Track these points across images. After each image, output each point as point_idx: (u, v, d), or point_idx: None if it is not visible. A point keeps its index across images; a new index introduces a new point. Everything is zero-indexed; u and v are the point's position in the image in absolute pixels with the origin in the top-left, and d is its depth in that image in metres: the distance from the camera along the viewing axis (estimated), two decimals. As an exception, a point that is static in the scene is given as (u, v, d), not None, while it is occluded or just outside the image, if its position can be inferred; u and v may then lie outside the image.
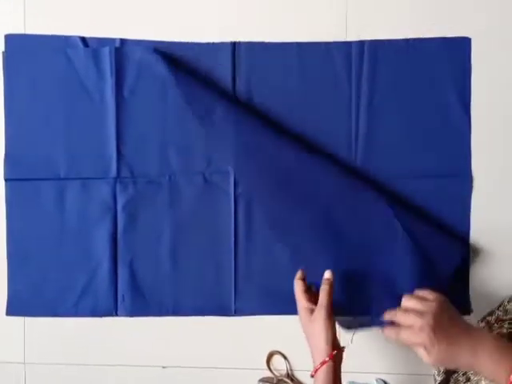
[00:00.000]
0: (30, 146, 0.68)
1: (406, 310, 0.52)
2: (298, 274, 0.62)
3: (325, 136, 0.68)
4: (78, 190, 0.68)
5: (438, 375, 0.65)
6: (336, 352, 0.55)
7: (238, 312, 0.68)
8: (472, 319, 0.66)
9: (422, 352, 0.50)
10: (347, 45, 0.68)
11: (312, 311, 0.58)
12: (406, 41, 0.68)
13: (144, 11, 0.69)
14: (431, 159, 0.68)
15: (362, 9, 0.68)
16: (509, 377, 0.48)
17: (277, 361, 0.69)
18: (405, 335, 0.51)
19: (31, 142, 0.68)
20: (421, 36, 0.68)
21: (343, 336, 0.68)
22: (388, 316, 0.54)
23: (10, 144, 0.68)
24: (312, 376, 0.55)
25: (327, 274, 0.60)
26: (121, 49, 0.67)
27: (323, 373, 0.54)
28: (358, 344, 0.66)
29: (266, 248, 0.68)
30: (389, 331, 0.53)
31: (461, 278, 0.67)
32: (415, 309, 0.52)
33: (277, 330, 0.67)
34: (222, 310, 0.68)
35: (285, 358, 0.69)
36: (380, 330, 0.54)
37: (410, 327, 0.51)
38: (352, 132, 0.68)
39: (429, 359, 0.50)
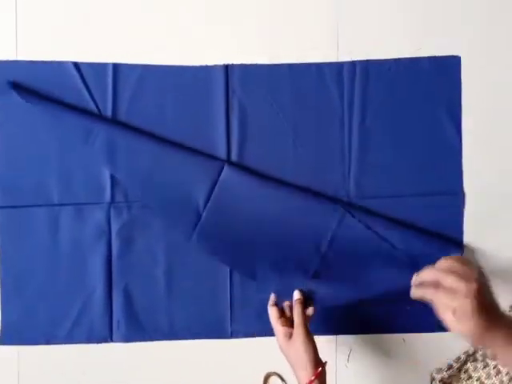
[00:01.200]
0: (22, 173, 0.67)
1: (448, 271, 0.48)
2: (271, 301, 0.63)
3: (318, 155, 0.68)
4: (71, 216, 0.67)
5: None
6: (320, 369, 0.56)
7: (234, 334, 0.68)
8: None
9: (451, 318, 0.46)
10: (339, 65, 0.69)
11: (290, 335, 0.59)
12: (397, 60, 0.69)
13: (136, 35, 0.69)
14: (423, 177, 0.68)
15: (353, 30, 0.69)
16: None
17: (274, 382, 0.69)
18: (444, 298, 0.47)
19: (23, 168, 0.67)
20: (411, 55, 0.69)
21: (340, 353, 0.68)
22: (426, 274, 0.50)
23: (2, 171, 0.68)
24: None
25: (296, 295, 0.62)
26: (116, 72, 0.68)
27: None
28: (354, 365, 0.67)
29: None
30: (422, 290, 0.50)
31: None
32: (459, 272, 0.48)
33: (273, 351, 0.66)
34: (219, 333, 0.68)
35: (282, 379, 0.69)
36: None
37: (452, 290, 0.47)
38: (345, 152, 0.68)
39: (459, 328, 0.46)
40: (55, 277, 0.68)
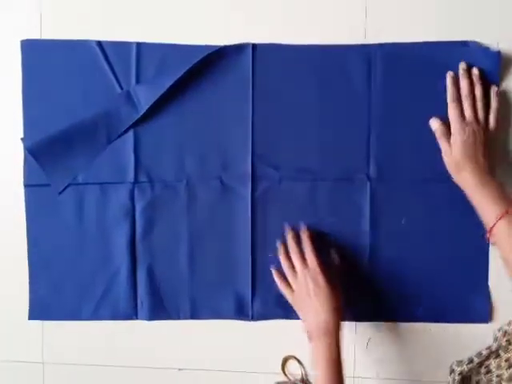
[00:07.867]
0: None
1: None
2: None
3: (340, 137, 0.67)
4: (96, 195, 0.68)
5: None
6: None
7: (254, 317, 0.68)
8: (489, 328, 0.66)
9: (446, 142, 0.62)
10: (365, 48, 0.67)
11: None
12: (426, 44, 0.66)
13: (160, 14, 0.68)
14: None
15: (382, 12, 0.67)
16: (494, 221, 0.54)
17: (292, 365, 0.70)
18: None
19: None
20: (443, 39, 0.66)
21: (359, 341, 0.68)
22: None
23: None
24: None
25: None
26: (140, 52, 0.67)
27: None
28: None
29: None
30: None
31: (480, 283, 0.67)
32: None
33: (292, 334, 0.67)
34: (239, 315, 0.68)
35: (300, 362, 0.69)
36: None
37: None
38: (368, 134, 0.67)
39: (450, 152, 0.60)
40: (81, 255, 0.69)
